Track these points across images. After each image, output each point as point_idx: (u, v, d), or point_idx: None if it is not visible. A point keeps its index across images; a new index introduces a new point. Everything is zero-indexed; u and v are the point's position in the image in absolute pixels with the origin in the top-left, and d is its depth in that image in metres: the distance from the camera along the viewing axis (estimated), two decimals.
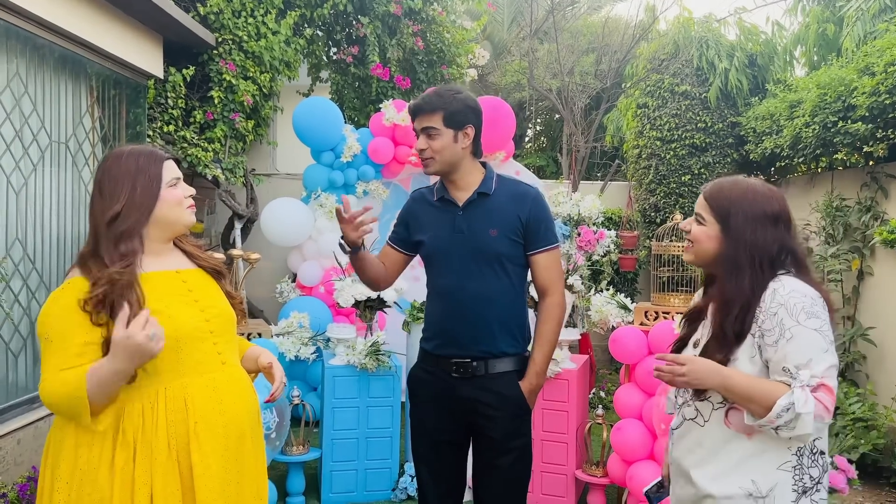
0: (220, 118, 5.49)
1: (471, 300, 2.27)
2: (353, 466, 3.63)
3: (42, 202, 3.97)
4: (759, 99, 6.56)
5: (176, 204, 1.75)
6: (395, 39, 6.25)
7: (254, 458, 1.81)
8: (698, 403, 1.75)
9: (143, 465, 1.61)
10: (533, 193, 2.33)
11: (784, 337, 1.60)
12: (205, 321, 1.75)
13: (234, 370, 1.81)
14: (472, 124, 2.28)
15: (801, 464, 1.65)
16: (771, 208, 1.72)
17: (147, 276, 1.69)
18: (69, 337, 1.61)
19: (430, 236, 2.35)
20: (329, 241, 4.87)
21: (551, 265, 2.31)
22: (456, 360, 2.27)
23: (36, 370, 3.91)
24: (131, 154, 1.74)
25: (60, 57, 4.13)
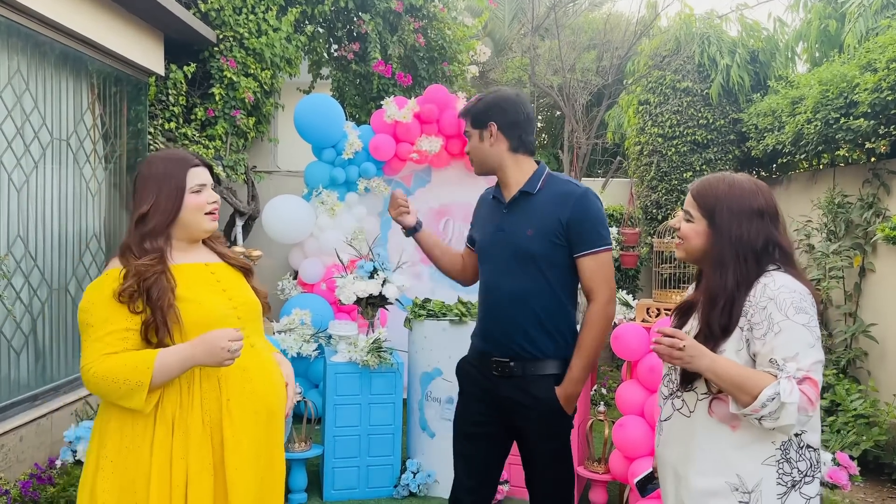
0: (221, 115, 5.49)
1: (505, 299, 2.29)
2: (355, 463, 3.63)
3: (44, 199, 3.97)
4: (761, 95, 6.55)
5: (195, 210, 1.85)
6: (396, 36, 6.24)
7: (280, 435, 1.93)
8: (685, 394, 1.78)
9: (179, 441, 1.73)
10: (578, 194, 2.24)
11: (772, 331, 1.62)
12: (232, 308, 1.87)
13: (261, 353, 1.92)
14: (495, 121, 2.28)
15: (787, 458, 1.67)
16: (756, 203, 1.74)
17: (177, 268, 1.83)
18: (112, 322, 1.73)
19: (480, 234, 2.42)
20: (330, 238, 4.87)
21: (596, 269, 2.22)
22: (496, 359, 2.29)
23: (37, 367, 3.91)
24: (163, 158, 1.87)
25: (61, 54, 4.12)
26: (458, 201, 5.38)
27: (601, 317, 2.23)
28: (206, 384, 1.79)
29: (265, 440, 1.85)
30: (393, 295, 3.70)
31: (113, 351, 1.71)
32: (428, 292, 5.22)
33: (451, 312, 3.74)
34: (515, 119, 2.30)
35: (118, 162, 4.82)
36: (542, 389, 2.25)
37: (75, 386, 4.19)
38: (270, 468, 1.88)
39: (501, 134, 2.29)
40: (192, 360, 1.72)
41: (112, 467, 1.72)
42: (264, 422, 1.85)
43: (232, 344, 1.72)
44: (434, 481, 3.68)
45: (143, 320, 1.74)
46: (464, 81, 6.92)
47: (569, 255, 2.25)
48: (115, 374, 1.68)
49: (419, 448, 3.77)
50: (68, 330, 4.21)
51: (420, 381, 3.74)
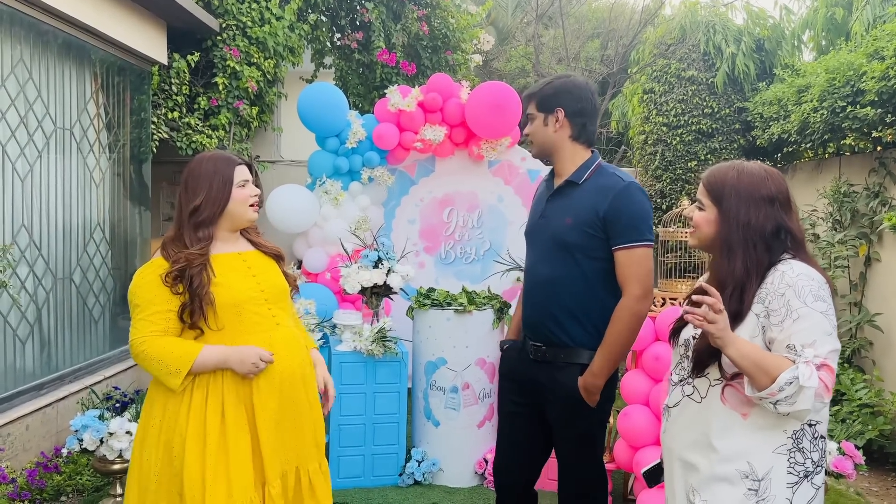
0: (224, 105, 5.47)
1: (539, 283, 2.34)
2: (360, 452, 3.64)
3: (48, 189, 3.96)
4: (767, 84, 6.51)
5: (242, 202, 2.12)
6: (399, 24, 6.20)
7: (308, 404, 2.16)
8: (696, 380, 1.77)
9: (214, 405, 2.00)
10: (619, 188, 2.21)
11: (790, 317, 1.62)
12: (260, 291, 2.12)
13: (287, 330, 2.16)
14: (563, 107, 2.29)
15: (799, 448, 1.67)
16: (766, 189, 1.74)
17: (215, 257, 2.09)
18: (155, 304, 2.02)
19: (529, 219, 2.50)
20: (334, 227, 4.86)
21: (629, 264, 2.19)
22: (534, 344, 2.36)
23: (42, 357, 3.92)
24: (211, 158, 2.13)
25: (64, 43, 4.11)
26: (462, 191, 5.36)
27: (628, 312, 2.20)
28: None
29: (292, 405, 2.11)
30: (397, 284, 3.70)
31: (157, 330, 2.00)
32: (431, 281, 5.22)
33: (455, 302, 3.73)
34: (583, 107, 2.30)
35: (121, 151, 4.81)
36: (568, 376, 2.28)
37: (80, 375, 4.20)
38: (300, 427, 2.12)
39: (567, 120, 2.30)
40: (224, 364, 2.01)
41: (159, 426, 2.01)
42: (289, 391, 2.10)
43: (261, 363, 2.02)
44: (439, 469, 3.69)
45: (182, 303, 2.00)
46: (467, 70, 6.89)
47: (607, 247, 2.24)
48: (162, 356, 1.98)
49: (424, 437, 3.77)
50: (73, 319, 4.22)
51: (424, 370, 3.74)
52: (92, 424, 3.03)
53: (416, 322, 3.81)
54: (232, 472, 1.98)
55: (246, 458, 2.01)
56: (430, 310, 3.70)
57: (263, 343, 2.07)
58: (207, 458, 1.96)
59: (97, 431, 3.01)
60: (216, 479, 1.96)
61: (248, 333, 2.07)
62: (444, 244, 5.37)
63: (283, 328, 2.15)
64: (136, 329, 2.03)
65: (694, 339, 1.78)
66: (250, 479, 2.01)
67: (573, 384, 2.26)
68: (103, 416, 3.13)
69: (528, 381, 2.39)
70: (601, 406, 2.30)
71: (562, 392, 2.28)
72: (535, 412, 2.41)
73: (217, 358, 2.00)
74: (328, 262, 4.93)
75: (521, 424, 2.45)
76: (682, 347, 1.85)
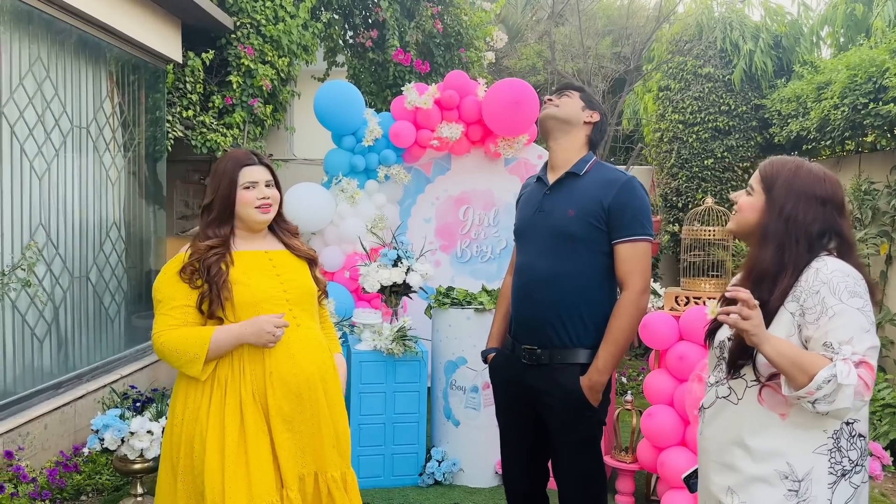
0: (238, 103, 5.45)
1: (539, 279, 2.26)
2: (381, 451, 3.61)
3: (64, 187, 3.95)
4: (785, 81, 6.45)
5: (245, 204, 2.08)
6: (413, 22, 6.17)
7: (328, 409, 2.11)
8: (732, 382, 1.73)
9: (232, 405, 1.98)
10: (623, 181, 2.22)
11: (826, 314, 1.58)
12: (282, 291, 2.09)
13: (308, 332, 2.12)
14: (601, 115, 2.36)
15: (838, 447, 1.63)
16: (821, 189, 1.70)
17: (239, 254, 2.10)
18: (175, 299, 2.03)
19: (519, 217, 2.43)
20: (350, 226, 4.83)
21: (631, 257, 2.18)
22: (526, 347, 2.28)
23: (60, 356, 3.91)
24: (227, 157, 2.13)
25: (81, 41, 4.09)
26: (478, 189, 5.33)
27: (632, 307, 2.18)
28: (253, 357, 2.02)
29: (310, 411, 2.06)
30: (417, 283, 3.67)
31: (176, 323, 2.01)
32: (447, 280, 5.19)
33: (475, 301, 3.70)
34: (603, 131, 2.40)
35: (137, 150, 4.80)
36: (568, 378, 2.21)
37: (98, 374, 4.19)
38: (317, 432, 2.08)
39: (594, 125, 2.35)
40: (240, 339, 1.99)
41: (181, 424, 2.02)
42: (307, 395, 2.06)
43: (276, 329, 1.97)
44: (459, 470, 3.66)
45: (200, 293, 2.01)
46: (480, 68, 6.84)
47: (608, 241, 2.21)
48: (177, 345, 1.98)
49: (444, 437, 3.74)
50: (90, 318, 4.21)
51: (444, 369, 3.71)
52: (113, 424, 3.01)
53: (435, 321, 3.78)
54: (252, 474, 1.96)
55: (266, 460, 1.99)
56: (449, 308, 3.67)
57: (281, 344, 2.04)
58: (227, 458, 1.94)
59: (118, 431, 3.00)
60: (236, 480, 1.94)
61: None
62: (460, 242, 5.33)
63: (303, 330, 2.12)
64: (156, 324, 2.05)
65: (729, 341, 1.75)
66: (271, 482, 1.98)
67: (574, 386, 2.19)
68: (124, 415, 3.11)
69: (522, 388, 2.31)
70: (601, 406, 2.26)
71: (562, 396, 2.21)
72: (533, 421, 2.35)
73: (231, 334, 1.98)
74: (344, 261, 4.91)
75: (523, 433, 2.39)
76: (718, 349, 1.81)
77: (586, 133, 2.34)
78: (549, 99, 2.37)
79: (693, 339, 3.23)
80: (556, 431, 2.27)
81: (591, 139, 2.35)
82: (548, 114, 2.33)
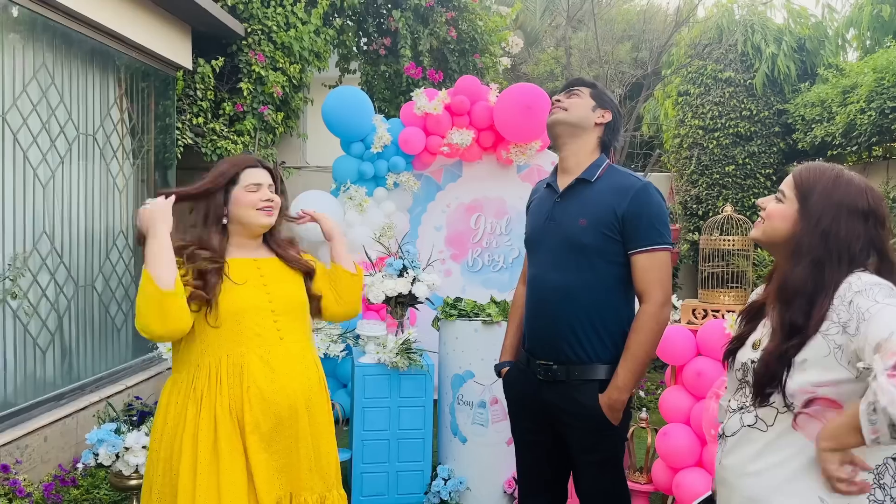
0: (249, 110, 5.40)
1: (552, 291, 2.16)
2: (384, 468, 3.50)
3: (70, 195, 3.91)
4: (809, 85, 6.26)
5: (247, 206, 2.01)
6: (428, 29, 6.09)
7: (310, 427, 1.99)
8: (760, 410, 1.58)
9: (206, 419, 1.87)
10: (637, 187, 2.10)
11: (864, 319, 1.41)
12: (268, 301, 2.00)
13: (292, 346, 2.01)
14: (613, 113, 2.24)
15: (880, 483, 1.46)
16: (862, 202, 1.55)
17: (229, 262, 2.00)
18: None
19: (530, 226, 2.34)
20: (359, 234, 4.74)
21: (650, 268, 2.06)
22: (541, 363, 2.18)
23: (63, 366, 3.85)
24: (226, 161, 2.07)
25: (87, 48, 4.06)
26: (490, 196, 5.21)
27: (652, 320, 2.06)
28: (231, 370, 1.92)
29: (289, 432, 1.95)
30: (423, 294, 3.55)
31: None
32: (458, 290, 5.07)
33: (483, 312, 3.58)
34: (617, 130, 2.27)
35: (146, 157, 4.75)
36: (586, 396, 2.10)
37: (102, 384, 4.13)
38: (296, 458, 1.96)
39: (606, 126, 2.23)
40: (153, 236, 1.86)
41: (159, 440, 1.93)
42: (286, 413, 1.94)
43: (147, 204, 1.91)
44: (466, 488, 3.53)
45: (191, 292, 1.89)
46: (496, 74, 6.74)
47: (624, 251, 2.09)
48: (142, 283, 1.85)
49: (450, 453, 3.62)
50: (95, 327, 4.15)
51: (451, 383, 3.59)
52: (107, 438, 2.93)
53: (442, 333, 3.67)
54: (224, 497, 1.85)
55: (239, 481, 1.88)
56: (456, 320, 3.55)
57: (259, 359, 1.95)
58: (199, 478, 1.85)
59: (113, 446, 2.92)
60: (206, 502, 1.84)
61: (245, 346, 1.95)
62: (471, 251, 5.22)
63: (287, 343, 2.01)
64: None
65: (753, 364, 1.59)
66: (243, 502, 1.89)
67: (594, 403, 2.08)
68: (119, 429, 3.03)
69: (539, 404, 2.21)
70: (622, 423, 2.15)
71: (582, 414, 2.10)
72: (551, 437, 2.24)
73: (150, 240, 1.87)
74: None
75: (539, 453, 2.29)
76: (740, 372, 1.65)
77: (598, 135, 2.22)
78: (557, 100, 2.24)
79: (711, 354, 3.08)
80: (576, 451, 2.17)
81: (604, 141, 2.23)
82: (555, 119, 2.22)
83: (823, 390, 1.46)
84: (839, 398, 1.45)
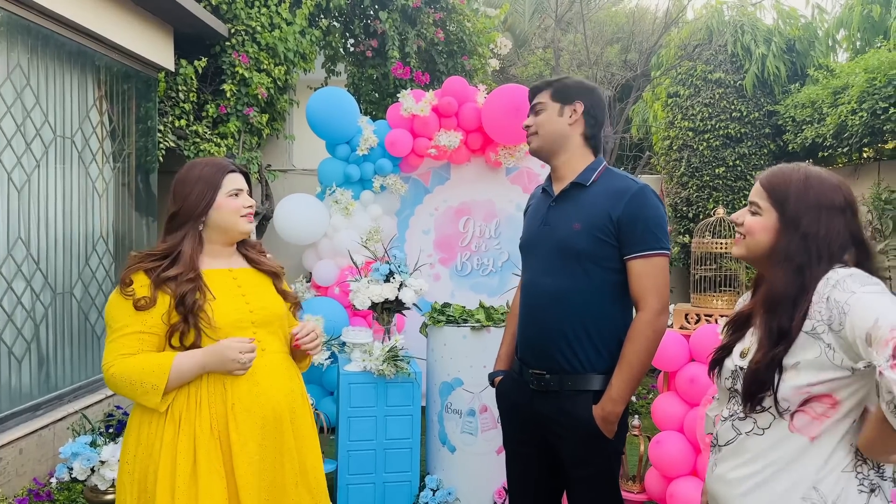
0: (233, 112, 5.30)
1: (544, 297, 2.10)
2: (371, 480, 3.41)
3: (46, 200, 3.80)
4: (799, 86, 6.22)
5: (232, 212, 1.94)
6: (415, 30, 6.01)
7: (295, 441, 1.92)
8: (754, 416, 1.54)
9: (185, 442, 1.77)
10: (634, 190, 2.03)
11: (844, 312, 1.39)
12: (248, 312, 1.92)
13: (274, 357, 1.94)
14: (582, 101, 2.13)
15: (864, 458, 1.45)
16: (838, 197, 1.53)
17: (203, 273, 1.90)
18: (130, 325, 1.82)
19: (526, 230, 2.29)
20: (345, 238, 4.65)
21: (646, 274, 2.00)
22: (534, 372, 2.12)
23: (40, 376, 3.74)
24: (200, 164, 1.97)
25: (65, 48, 3.95)
26: (479, 199, 5.13)
27: (649, 329, 1.99)
28: (212, 388, 1.83)
29: (274, 445, 1.88)
30: (410, 299, 3.47)
31: (129, 352, 1.80)
32: (447, 295, 4.99)
33: (472, 318, 3.50)
34: (598, 111, 2.16)
35: (127, 161, 4.64)
36: (580, 407, 2.03)
37: (80, 395, 4.01)
38: (280, 473, 1.89)
39: (583, 117, 2.14)
40: (205, 367, 1.80)
41: (133, 462, 1.83)
42: (272, 426, 1.87)
43: (242, 356, 1.79)
44: (455, 500, 3.45)
45: (171, 326, 1.81)
46: (484, 75, 6.67)
47: (619, 256, 2.02)
48: (134, 375, 1.77)
49: (439, 463, 3.53)
50: (73, 336, 4.04)
51: (439, 391, 3.50)
52: (82, 452, 2.84)
53: (430, 340, 3.58)
54: None
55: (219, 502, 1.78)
56: (445, 326, 3.47)
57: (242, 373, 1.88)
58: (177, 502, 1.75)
59: (87, 460, 2.82)
60: None
61: None
62: (459, 255, 5.14)
63: (269, 355, 1.94)
64: (107, 353, 1.84)
65: (742, 371, 1.54)
66: None
67: (587, 415, 2.02)
68: (95, 442, 2.94)
69: (531, 415, 2.15)
70: (618, 436, 2.07)
71: (575, 426, 2.03)
72: (543, 449, 2.17)
73: (194, 362, 1.79)
74: (338, 275, 4.72)
75: (531, 465, 2.22)
76: (729, 381, 1.60)
77: (580, 132, 2.14)
78: (526, 126, 2.19)
79: (704, 360, 3.01)
80: (569, 464, 2.09)
81: (587, 136, 2.15)
82: (534, 148, 2.20)
83: (818, 388, 1.45)
84: (833, 391, 1.45)
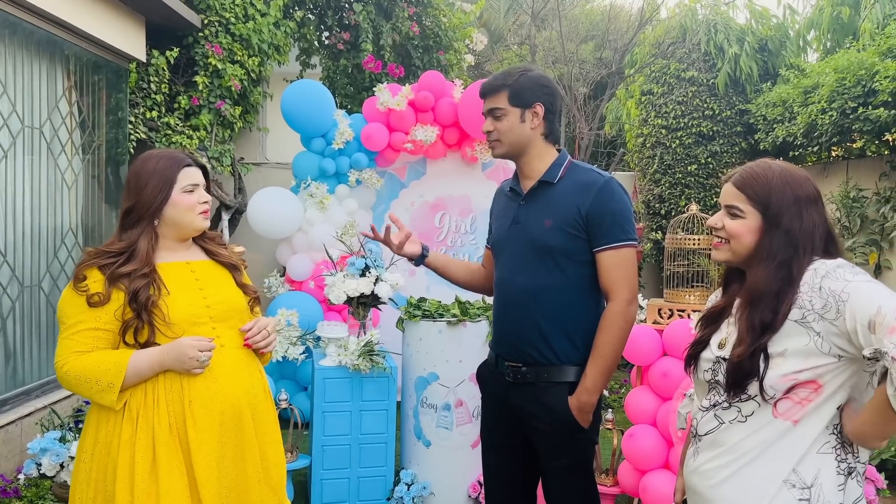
0: (205, 104, 5.22)
1: (518, 294, 2.12)
2: (346, 474, 3.39)
3: (14, 191, 3.71)
4: (770, 85, 6.32)
5: (187, 208, 1.88)
6: (390, 24, 5.97)
7: (256, 437, 1.88)
8: (741, 404, 1.55)
9: (143, 441, 1.73)
10: (600, 184, 2.05)
11: (843, 301, 1.42)
12: (205, 307, 1.87)
13: (233, 353, 1.90)
14: (542, 102, 2.11)
15: (842, 442, 1.49)
16: (810, 188, 1.57)
17: (160, 266, 1.85)
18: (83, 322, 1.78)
19: (496, 228, 2.30)
20: (319, 232, 4.62)
21: (616, 266, 2.03)
22: (510, 364, 2.14)
23: (7, 370, 3.66)
24: (156, 157, 1.89)
25: (34, 36, 3.86)
26: (455, 194, 5.14)
27: (620, 319, 2.03)
28: (169, 385, 1.79)
29: (234, 442, 1.84)
30: (386, 294, 3.46)
31: (83, 349, 1.76)
32: (423, 290, 4.98)
33: (448, 313, 3.50)
34: (556, 104, 2.16)
35: (97, 152, 4.56)
36: (555, 398, 2.06)
37: (48, 390, 3.94)
38: (242, 470, 1.85)
39: (544, 119, 2.13)
40: (162, 365, 1.76)
41: (90, 461, 1.78)
42: (231, 423, 1.83)
43: (201, 354, 1.75)
44: (430, 494, 3.45)
45: (124, 322, 1.77)
46: (460, 71, 6.67)
47: (590, 249, 2.06)
48: (88, 373, 1.73)
49: (414, 458, 3.53)
50: (42, 330, 3.96)
51: (415, 386, 3.50)
52: (51, 448, 2.79)
53: (406, 335, 3.58)
54: None
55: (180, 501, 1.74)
56: (420, 321, 3.46)
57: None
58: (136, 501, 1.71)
59: (56, 456, 2.77)
60: None
61: None
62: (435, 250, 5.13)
63: (228, 350, 1.89)
64: (59, 350, 1.78)
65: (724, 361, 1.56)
66: None
67: (563, 407, 2.05)
68: (64, 437, 2.88)
69: (508, 406, 2.17)
70: (592, 426, 2.11)
71: (550, 417, 2.06)
72: (519, 440, 2.19)
73: (151, 360, 1.75)
74: (313, 270, 4.69)
75: (508, 456, 2.24)
76: (709, 372, 1.62)
77: (541, 133, 2.14)
78: (488, 132, 2.17)
79: (677, 354, 3.05)
80: (545, 455, 2.12)
81: (548, 133, 2.15)
82: (496, 154, 2.19)
83: (805, 374, 1.47)
84: (818, 377, 1.47)
